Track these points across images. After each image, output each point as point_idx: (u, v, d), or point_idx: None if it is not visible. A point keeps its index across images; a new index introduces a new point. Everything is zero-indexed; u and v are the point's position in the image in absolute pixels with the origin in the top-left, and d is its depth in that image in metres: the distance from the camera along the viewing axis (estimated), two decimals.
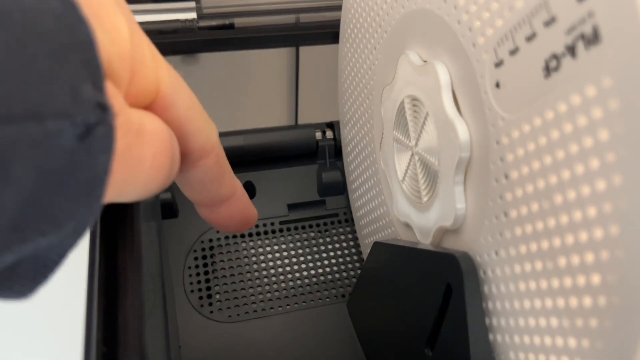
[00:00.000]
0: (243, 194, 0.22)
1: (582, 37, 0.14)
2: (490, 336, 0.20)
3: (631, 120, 0.13)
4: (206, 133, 0.19)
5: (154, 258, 0.27)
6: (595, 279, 0.15)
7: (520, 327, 0.18)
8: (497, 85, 0.18)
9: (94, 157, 0.11)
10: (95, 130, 0.11)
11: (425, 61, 0.23)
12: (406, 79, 0.24)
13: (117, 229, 0.20)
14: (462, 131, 0.20)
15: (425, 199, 0.24)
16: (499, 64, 0.18)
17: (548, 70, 0.16)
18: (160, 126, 0.16)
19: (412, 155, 0.24)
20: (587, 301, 0.15)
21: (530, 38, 0.16)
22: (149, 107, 0.17)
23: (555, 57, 0.15)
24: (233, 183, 0.21)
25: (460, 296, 0.20)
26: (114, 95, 0.13)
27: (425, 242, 0.24)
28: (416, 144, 0.24)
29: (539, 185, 0.17)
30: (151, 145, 0.15)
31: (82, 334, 0.17)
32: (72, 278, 0.34)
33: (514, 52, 0.17)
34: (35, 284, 0.12)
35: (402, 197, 0.26)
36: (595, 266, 0.15)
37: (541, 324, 0.17)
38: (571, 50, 0.15)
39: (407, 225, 0.26)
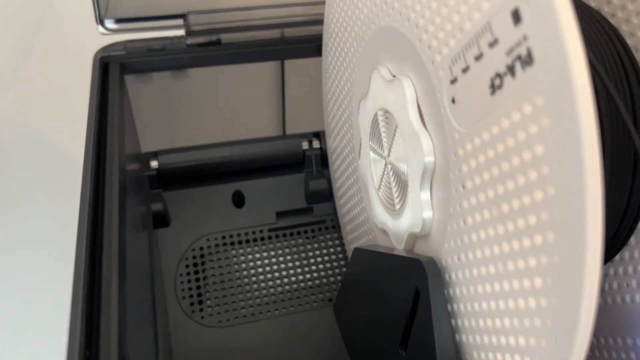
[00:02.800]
0: None
1: (519, 58, 0.15)
2: (457, 336, 0.21)
3: (559, 137, 0.14)
4: None
5: (143, 266, 0.28)
6: (537, 281, 0.16)
7: (482, 327, 0.19)
8: (453, 100, 0.19)
9: None
10: None
11: (394, 76, 0.24)
12: (378, 92, 0.25)
13: (102, 238, 0.22)
14: (426, 143, 0.21)
15: (397, 206, 0.25)
16: (453, 81, 0.19)
17: (493, 88, 0.17)
18: None
19: (386, 164, 0.25)
20: (532, 302, 0.16)
21: (478, 57, 0.17)
22: None
23: (498, 76, 0.16)
24: None
25: (426, 299, 0.21)
26: None
27: (399, 247, 0.25)
28: (389, 154, 0.25)
29: (489, 194, 0.18)
30: None
31: (67, 339, 0.18)
32: (57, 285, 0.36)
33: (465, 70, 0.18)
34: None
35: (378, 205, 0.27)
36: (536, 270, 0.16)
37: (497, 325, 0.18)
38: (511, 70, 0.16)
39: (384, 231, 0.27)
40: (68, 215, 0.43)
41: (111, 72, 0.32)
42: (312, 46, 0.35)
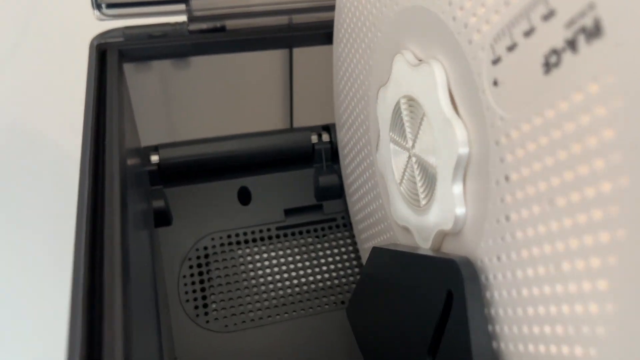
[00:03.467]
0: None
1: (583, 30, 0.14)
2: (494, 344, 0.19)
3: (635, 120, 0.12)
4: None
5: (145, 268, 0.26)
6: (602, 284, 0.14)
7: (526, 334, 0.18)
8: (495, 83, 0.17)
9: None
10: None
11: (420, 60, 0.22)
12: (401, 79, 0.23)
13: (103, 238, 0.20)
14: (460, 131, 0.19)
15: (423, 202, 0.23)
16: (496, 61, 0.17)
17: (548, 66, 0.15)
18: None
19: (410, 157, 0.24)
20: (593, 308, 0.15)
21: (528, 33, 0.15)
22: None
23: (555, 52, 0.15)
24: None
25: (462, 302, 0.19)
26: None
27: (424, 246, 0.23)
28: (413, 146, 0.23)
29: (541, 187, 0.16)
30: None
31: (66, 349, 0.16)
32: (54, 291, 0.34)
33: (511, 48, 0.16)
34: None
35: (400, 200, 0.25)
36: (600, 271, 0.14)
37: (547, 332, 0.17)
38: (572, 44, 0.14)
39: (406, 229, 0.25)
40: (61, 210, 0.41)
41: (109, 60, 0.29)
42: (321, 33, 0.33)
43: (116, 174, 0.22)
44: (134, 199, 0.26)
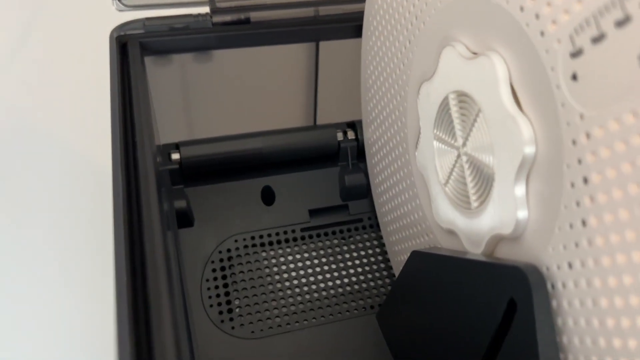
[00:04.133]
0: None
1: None
2: (562, 356, 0.18)
3: None
4: None
5: (174, 270, 0.25)
6: None
7: (602, 348, 0.16)
8: (574, 77, 0.16)
9: None
10: None
11: (475, 53, 0.21)
12: (452, 73, 0.22)
13: (143, 238, 0.18)
14: (526, 129, 0.18)
15: (475, 204, 0.21)
16: (576, 54, 0.16)
17: None
18: None
19: (459, 156, 0.22)
20: None
21: (621, 22, 0.14)
22: None
23: None
24: None
25: (528, 313, 0.18)
26: None
27: (475, 251, 0.22)
28: (464, 144, 0.22)
29: (630, 191, 0.15)
30: None
31: (114, 350, 0.15)
32: (99, 298, 0.32)
33: (598, 39, 0.15)
34: None
35: (444, 202, 0.24)
36: None
37: (631, 347, 0.15)
38: None
39: (451, 232, 0.24)
40: (67, 205, 0.39)
41: (131, 52, 0.28)
42: (350, 26, 0.32)
43: (151, 172, 0.20)
44: (162, 199, 0.24)
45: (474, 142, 0.21)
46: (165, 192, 0.29)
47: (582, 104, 0.16)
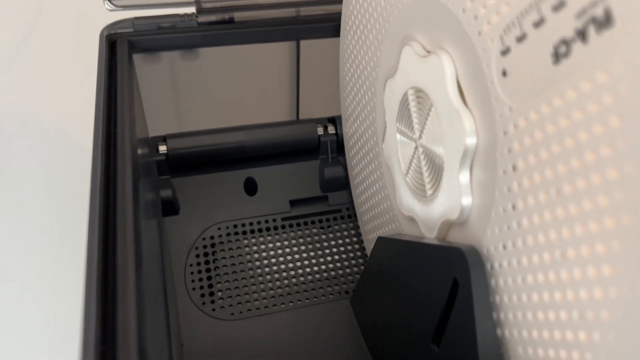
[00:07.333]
0: None
1: (593, 20, 0.14)
2: (498, 331, 0.20)
3: None
4: None
5: (155, 255, 0.27)
6: (606, 270, 0.14)
7: (529, 321, 0.18)
8: (504, 73, 0.18)
9: None
10: None
11: (428, 52, 0.22)
12: (410, 70, 0.23)
13: (115, 227, 0.20)
14: (468, 122, 0.20)
15: (429, 192, 0.23)
16: (505, 52, 0.17)
17: (557, 57, 0.15)
18: None
19: (416, 147, 0.24)
20: (597, 293, 0.15)
21: (538, 24, 0.16)
22: None
23: (564, 42, 0.15)
24: None
25: (467, 290, 0.20)
26: None
27: (430, 236, 0.24)
28: (420, 136, 0.23)
29: (547, 175, 0.16)
30: None
31: (80, 333, 0.16)
32: (69, 276, 0.34)
33: (521, 38, 0.17)
34: None
35: (406, 191, 0.25)
36: (604, 257, 0.14)
37: (550, 318, 0.17)
38: (581, 34, 0.14)
39: (412, 220, 0.26)
40: (70, 199, 0.41)
41: (119, 50, 0.30)
42: (329, 26, 0.34)
43: (128, 164, 0.22)
44: (144, 188, 0.26)
45: (428, 134, 0.23)
46: (152, 182, 0.31)
47: (511, 97, 0.17)
